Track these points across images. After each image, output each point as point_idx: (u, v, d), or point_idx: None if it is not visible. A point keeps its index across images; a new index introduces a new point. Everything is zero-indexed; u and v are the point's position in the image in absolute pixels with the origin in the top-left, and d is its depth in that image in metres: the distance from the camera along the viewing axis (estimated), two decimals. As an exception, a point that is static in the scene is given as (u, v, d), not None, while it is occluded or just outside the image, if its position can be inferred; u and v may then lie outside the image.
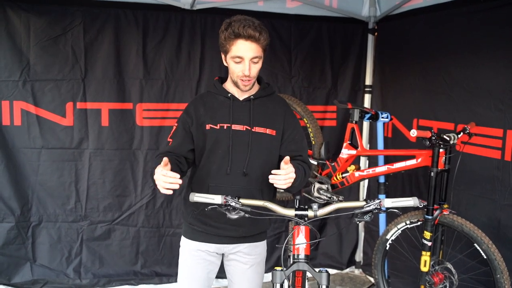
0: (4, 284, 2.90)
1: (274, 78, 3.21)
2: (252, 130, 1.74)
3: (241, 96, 1.78)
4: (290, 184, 1.57)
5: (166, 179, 1.47)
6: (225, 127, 1.74)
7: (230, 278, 1.92)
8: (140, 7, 2.89)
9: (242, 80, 1.69)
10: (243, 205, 1.55)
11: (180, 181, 1.48)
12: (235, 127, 1.74)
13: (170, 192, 1.49)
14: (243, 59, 1.64)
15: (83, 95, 2.89)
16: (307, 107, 2.90)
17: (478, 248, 2.14)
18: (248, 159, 1.73)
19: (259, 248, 1.89)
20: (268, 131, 1.76)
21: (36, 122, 2.85)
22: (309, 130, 2.83)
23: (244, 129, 1.74)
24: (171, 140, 1.79)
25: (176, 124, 1.81)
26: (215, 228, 1.79)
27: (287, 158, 1.54)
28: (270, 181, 1.56)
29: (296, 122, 1.85)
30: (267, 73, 3.18)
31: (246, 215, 1.55)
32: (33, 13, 2.74)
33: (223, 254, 1.89)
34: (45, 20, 2.76)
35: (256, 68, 1.68)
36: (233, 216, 1.55)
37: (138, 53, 2.93)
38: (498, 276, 2.07)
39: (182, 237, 1.89)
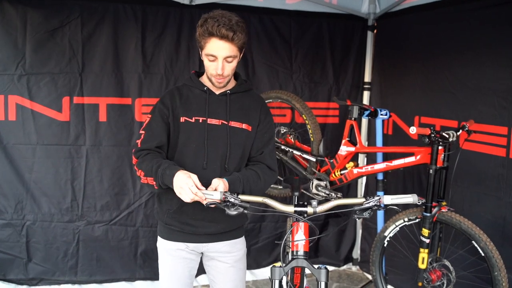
0: (-1, 280, 2.88)
1: (275, 74, 3.19)
2: (229, 124, 1.72)
3: (218, 90, 1.75)
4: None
5: (193, 196, 1.49)
6: (200, 121, 1.71)
7: (212, 279, 1.87)
8: (138, 1, 2.86)
9: (216, 78, 1.67)
10: (242, 201, 1.53)
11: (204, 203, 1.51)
12: (211, 121, 1.71)
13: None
14: (217, 58, 1.62)
15: (80, 90, 2.85)
16: (305, 103, 2.89)
17: (476, 245, 2.14)
18: (229, 154, 1.71)
19: (239, 245, 1.85)
20: (244, 126, 1.74)
21: (31, 117, 2.81)
22: (308, 126, 2.83)
23: (220, 123, 1.72)
24: (144, 132, 1.70)
25: (150, 116, 1.73)
26: (193, 226, 1.75)
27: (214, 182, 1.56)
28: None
29: (269, 120, 1.82)
30: (268, 69, 3.17)
31: (245, 211, 1.54)
32: (30, 6, 2.70)
33: (202, 253, 1.84)
34: (42, 13, 2.72)
35: (230, 67, 1.65)
36: (232, 212, 1.53)
37: (137, 48, 2.90)
38: (496, 273, 2.08)
39: (159, 238, 1.83)
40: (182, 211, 1.73)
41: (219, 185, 1.55)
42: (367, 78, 3.35)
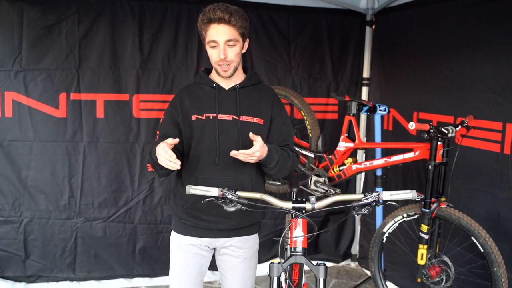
0: (-3, 277, 2.87)
1: (273, 70, 3.18)
2: (240, 119, 1.72)
3: (227, 86, 1.76)
4: (253, 160, 1.59)
5: (167, 157, 1.50)
6: (211, 117, 1.72)
7: (222, 273, 1.89)
8: (136, -3, 2.85)
9: (220, 65, 1.67)
10: (240, 197, 1.52)
11: (178, 163, 1.51)
12: (222, 116, 1.72)
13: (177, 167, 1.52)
14: (217, 43, 1.64)
15: (77, 86, 2.83)
16: (304, 99, 2.88)
17: (475, 241, 2.14)
18: (241, 149, 1.69)
19: (251, 242, 1.86)
20: (255, 119, 1.75)
21: (28, 114, 2.79)
22: (307, 122, 2.82)
23: (231, 119, 1.72)
24: (158, 132, 1.78)
25: (163, 117, 1.80)
26: (206, 221, 1.76)
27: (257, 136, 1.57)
28: (231, 154, 1.56)
29: (284, 112, 1.84)
30: (266, 65, 3.15)
31: (243, 207, 1.53)
32: (26, 1, 2.67)
33: (214, 248, 1.86)
34: (39, 9, 2.70)
35: (233, 52, 1.66)
36: (230, 208, 1.53)
37: (135, 44, 2.88)
38: (495, 269, 2.08)
39: (172, 232, 1.86)
40: (196, 207, 1.75)
41: (257, 144, 1.56)
42: (366, 73, 3.34)
